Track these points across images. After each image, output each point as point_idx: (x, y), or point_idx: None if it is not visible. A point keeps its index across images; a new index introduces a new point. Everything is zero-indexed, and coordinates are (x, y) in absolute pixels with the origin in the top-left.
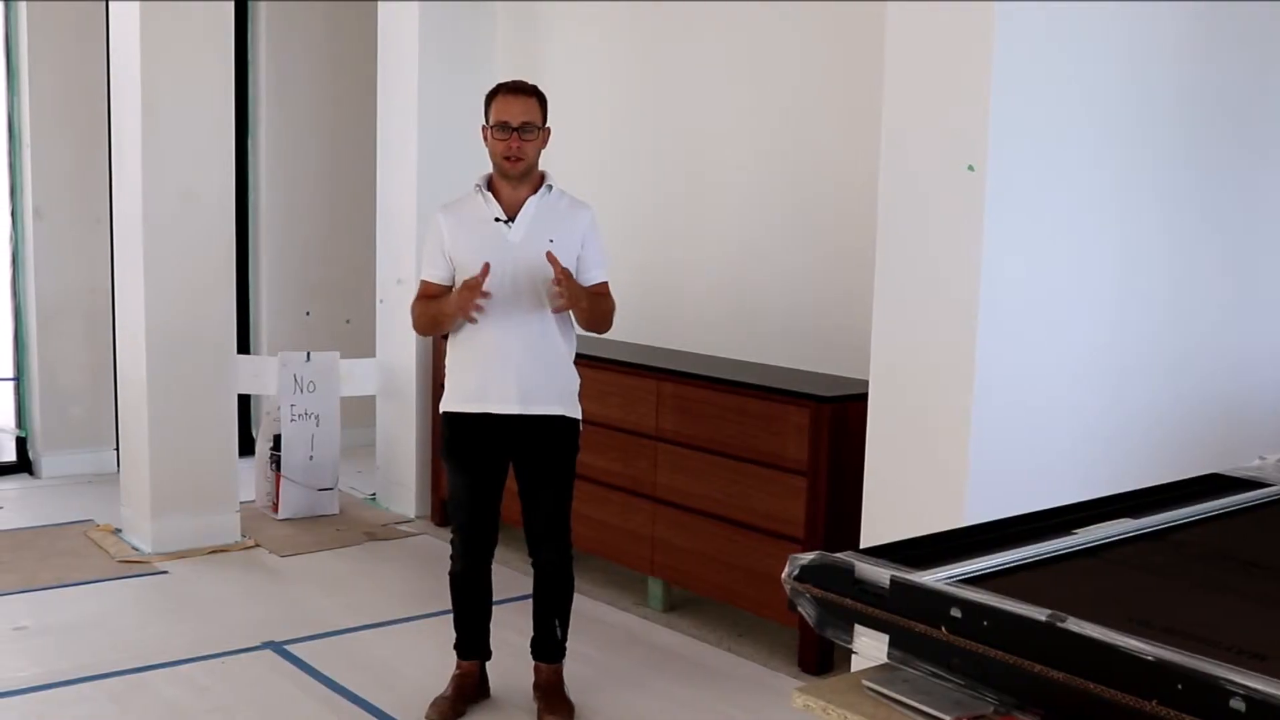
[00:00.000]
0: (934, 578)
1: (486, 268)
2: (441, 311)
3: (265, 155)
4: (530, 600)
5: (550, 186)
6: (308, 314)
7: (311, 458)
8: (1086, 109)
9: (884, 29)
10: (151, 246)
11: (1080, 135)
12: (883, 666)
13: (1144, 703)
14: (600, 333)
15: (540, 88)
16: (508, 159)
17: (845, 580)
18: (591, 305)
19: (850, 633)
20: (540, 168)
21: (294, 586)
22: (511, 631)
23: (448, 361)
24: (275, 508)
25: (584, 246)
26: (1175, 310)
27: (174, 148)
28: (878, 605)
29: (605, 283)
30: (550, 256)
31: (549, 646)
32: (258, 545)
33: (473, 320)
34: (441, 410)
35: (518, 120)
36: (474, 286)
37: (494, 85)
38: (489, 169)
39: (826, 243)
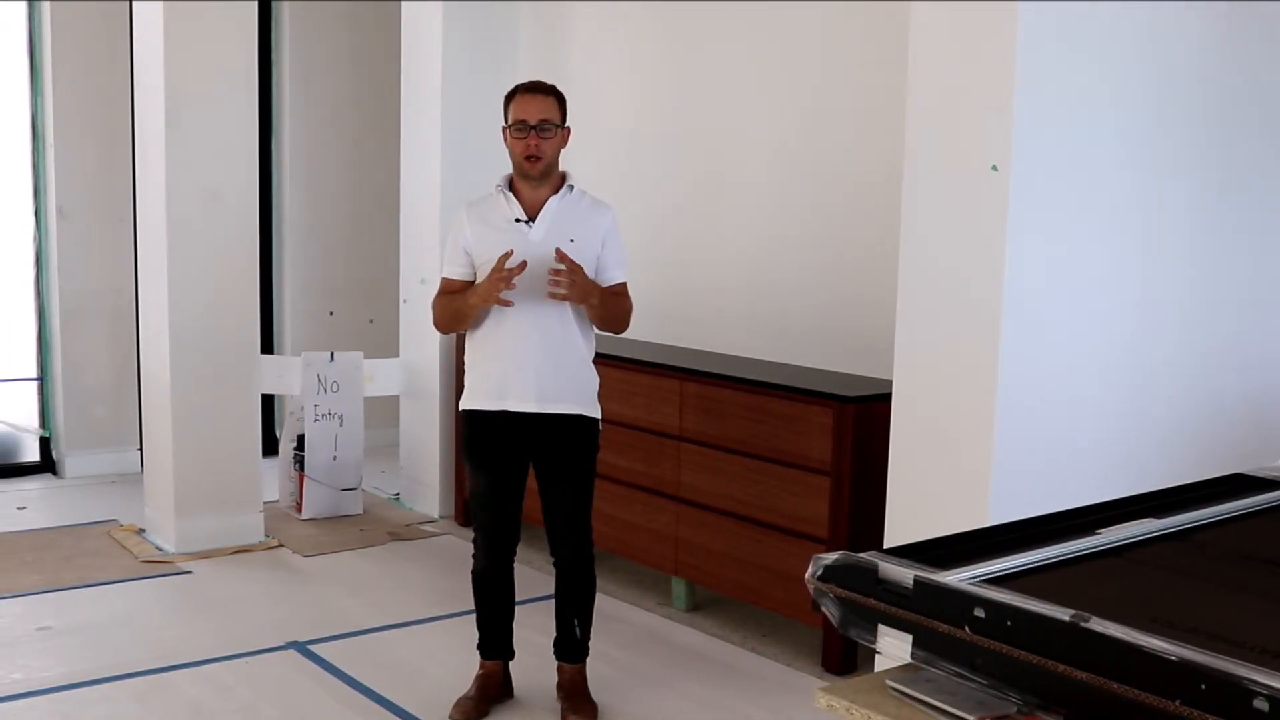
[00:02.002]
0: (957, 578)
1: (524, 264)
2: (465, 303)
3: (289, 155)
4: (553, 600)
5: (571, 187)
6: (331, 314)
7: (335, 458)
8: (1110, 108)
9: (907, 29)
10: (175, 246)
11: (1103, 135)
12: (906, 666)
13: (1167, 703)
14: (616, 333)
15: (560, 87)
16: (527, 158)
17: (869, 580)
18: (604, 303)
19: (874, 633)
20: (561, 168)
21: (317, 586)
22: (534, 631)
23: (466, 360)
24: (299, 508)
25: (604, 247)
26: (1199, 310)
27: (197, 147)
28: (901, 605)
29: (624, 283)
30: (559, 252)
31: (571, 646)
32: (281, 545)
33: (506, 303)
34: (460, 408)
35: (535, 118)
36: (503, 271)
37: (513, 86)
38: (510, 169)
39: (849, 242)
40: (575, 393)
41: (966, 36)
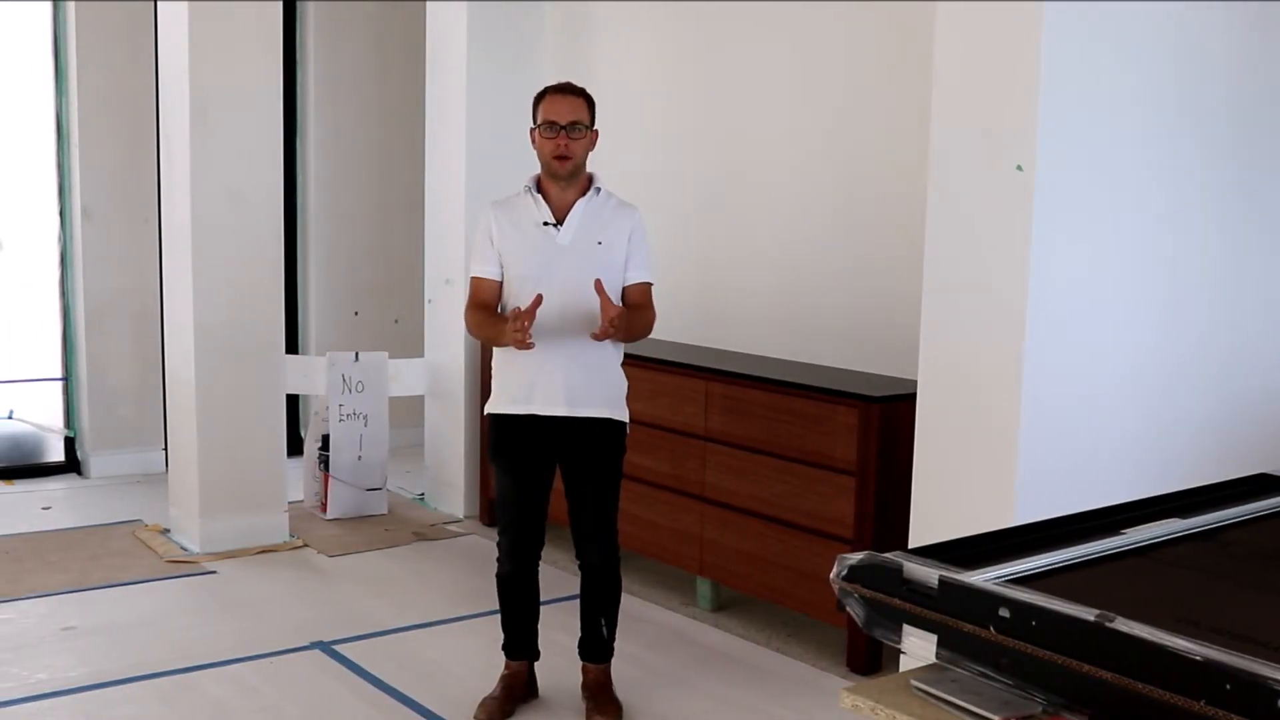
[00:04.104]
0: (982, 578)
1: (538, 299)
2: (499, 335)
3: (314, 155)
4: (578, 600)
5: (598, 189)
6: (356, 314)
7: (360, 458)
8: (1135, 109)
9: (933, 29)
10: (200, 246)
11: (1129, 135)
12: (931, 666)
13: (1192, 703)
14: (638, 340)
15: (588, 89)
16: (556, 158)
17: (894, 580)
18: (630, 326)
19: (898, 633)
20: (588, 169)
21: (342, 586)
22: (560, 631)
23: (494, 363)
24: (323, 508)
25: (630, 248)
26: (1224, 310)
27: (222, 147)
28: (926, 605)
29: (648, 286)
30: (599, 290)
31: (597, 647)
32: (306, 545)
33: (528, 347)
34: (487, 412)
35: (565, 119)
36: (523, 319)
37: (542, 87)
38: (537, 170)
39: (875, 242)
40: (604, 396)
41: (991, 36)
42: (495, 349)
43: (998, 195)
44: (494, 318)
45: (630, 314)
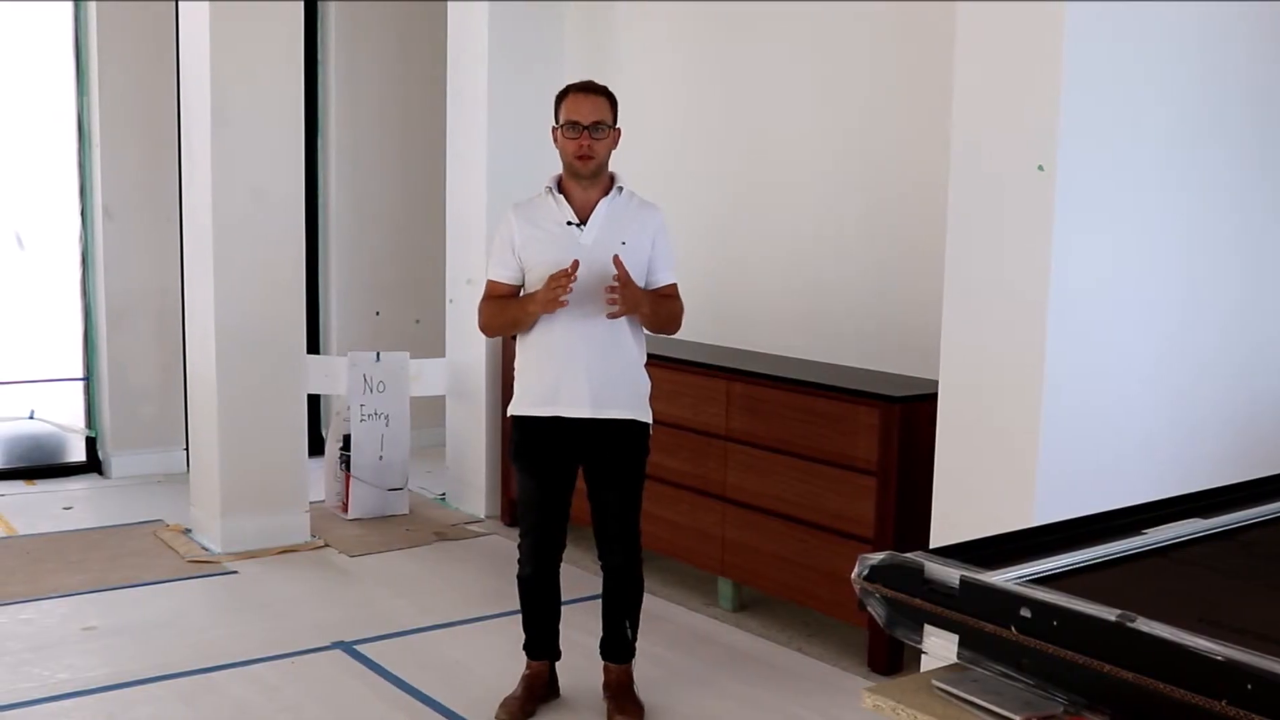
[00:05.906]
0: (1003, 578)
1: (576, 264)
2: (523, 310)
3: (335, 155)
4: (600, 600)
5: (620, 188)
6: (377, 314)
7: (381, 458)
8: (1156, 109)
9: (955, 29)
10: (221, 246)
11: (1150, 135)
12: (952, 666)
13: (1214, 703)
14: (669, 334)
15: (610, 88)
16: (579, 158)
17: (915, 580)
18: (655, 309)
19: (920, 633)
20: (610, 169)
21: (363, 586)
22: (581, 631)
23: (517, 365)
24: (345, 508)
25: (654, 248)
26: (1246, 310)
27: (244, 147)
28: (947, 605)
29: (674, 284)
30: (616, 260)
31: (619, 647)
32: (327, 545)
33: (563, 304)
34: (511, 414)
35: (588, 119)
36: (562, 277)
37: (564, 86)
38: (558, 169)
39: (897, 243)
40: (628, 397)
41: (1013, 36)
42: (519, 349)
43: (1019, 195)
44: (515, 299)
45: (657, 301)
